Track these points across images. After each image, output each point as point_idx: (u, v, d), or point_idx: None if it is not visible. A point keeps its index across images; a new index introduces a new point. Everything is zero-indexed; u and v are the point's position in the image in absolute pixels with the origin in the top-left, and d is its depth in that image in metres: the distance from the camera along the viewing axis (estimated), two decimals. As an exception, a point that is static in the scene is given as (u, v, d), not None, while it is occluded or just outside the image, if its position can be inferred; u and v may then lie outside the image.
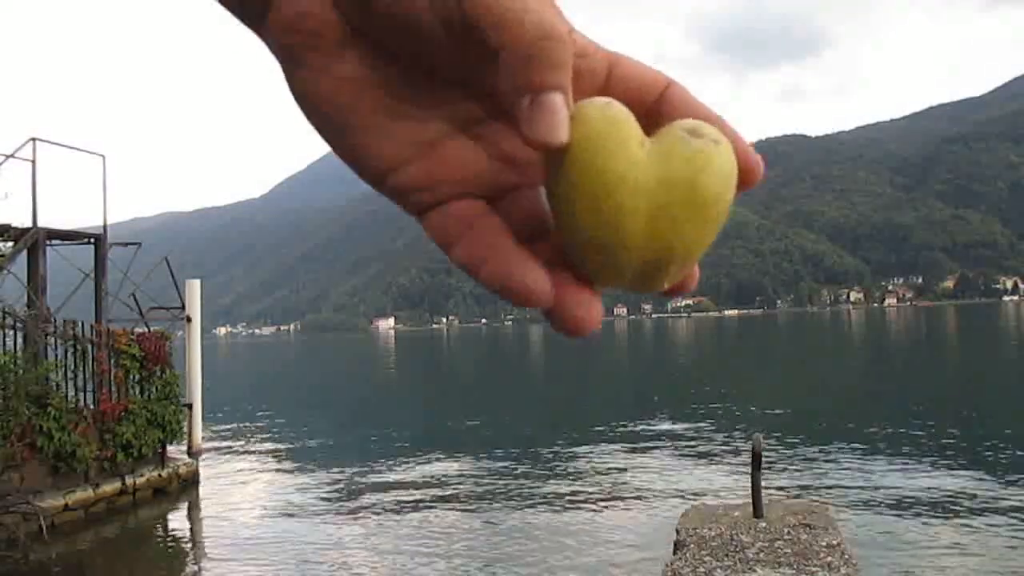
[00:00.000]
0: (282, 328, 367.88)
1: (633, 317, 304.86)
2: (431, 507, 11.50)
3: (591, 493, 11.94)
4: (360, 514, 11.29)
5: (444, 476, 13.85)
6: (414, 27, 0.35)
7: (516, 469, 14.09)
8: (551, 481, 12.96)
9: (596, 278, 0.37)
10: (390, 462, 15.57)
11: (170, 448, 13.15)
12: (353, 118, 0.37)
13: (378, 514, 11.22)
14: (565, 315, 0.36)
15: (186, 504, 12.51)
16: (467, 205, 0.38)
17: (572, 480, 13.01)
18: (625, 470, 13.59)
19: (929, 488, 11.33)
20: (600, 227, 0.35)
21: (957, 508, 10.24)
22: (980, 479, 11.74)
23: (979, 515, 9.83)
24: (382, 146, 0.38)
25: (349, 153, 0.38)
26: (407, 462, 15.42)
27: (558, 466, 14.25)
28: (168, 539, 10.90)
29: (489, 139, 0.39)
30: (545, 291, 0.36)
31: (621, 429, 18.50)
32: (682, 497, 10.99)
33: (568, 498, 11.69)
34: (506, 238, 0.37)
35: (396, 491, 12.71)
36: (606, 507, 11.03)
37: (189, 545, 10.56)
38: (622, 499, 11.47)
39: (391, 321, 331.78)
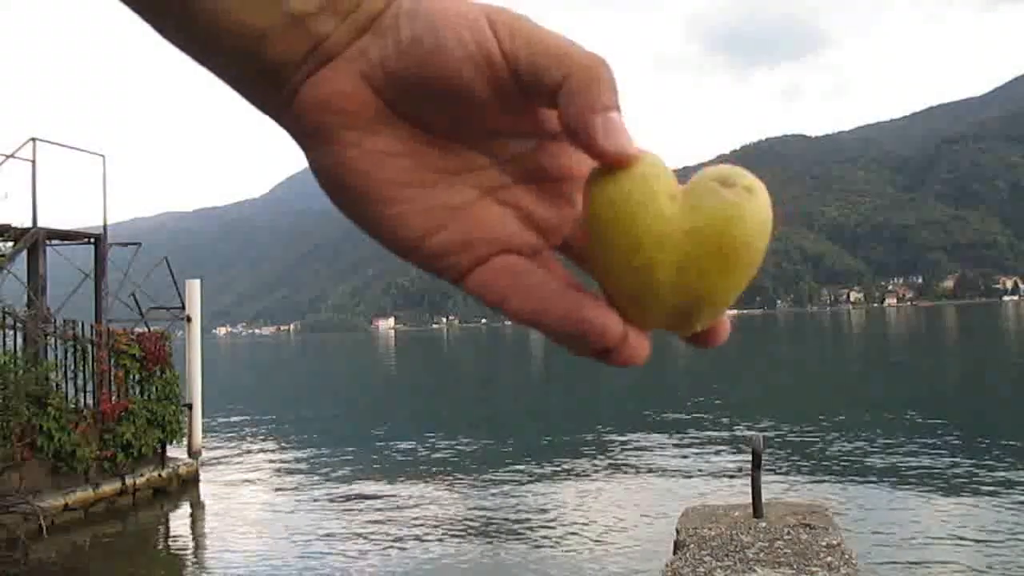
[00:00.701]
0: (282, 328, 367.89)
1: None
2: (431, 505, 11.50)
3: (591, 492, 11.94)
4: (360, 513, 11.29)
5: (443, 475, 13.85)
6: (452, 89, 0.36)
7: (516, 469, 14.08)
8: (551, 480, 12.96)
9: (632, 322, 0.37)
10: (390, 461, 15.57)
11: (170, 448, 13.15)
12: (382, 189, 0.38)
13: (378, 513, 11.21)
14: (626, 351, 0.37)
15: (186, 504, 12.51)
16: (508, 259, 0.39)
17: (572, 479, 13.01)
18: (625, 470, 13.58)
19: (930, 488, 11.33)
20: (631, 280, 0.36)
21: (958, 508, 10.24)
22: (981, 479, 11.74)
23: (980, 515, 9.83)
24: (414, 215, 0.38)
25: (377, 225, 0.38)
26: (407, 461, 15.42)
27: (557, 466, 14.25)
28: (168, 539, 10.90)
29: (515, 203, 0.40)
30: (619, 329, 0.36)
31: (621, 429, 18.50)
32: (682, 497, 10.98)
33: (568, 497, 11.68)
34: (561, 282, 0.38)
35: (396, 490, 12.71)
36: (606, 506, 11.03)
37: (189, 545, 10.56)
38: (622, 499, 11.47)
39: (391, 321, 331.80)
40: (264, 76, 0.38)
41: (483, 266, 0.39)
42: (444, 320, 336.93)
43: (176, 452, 13.55)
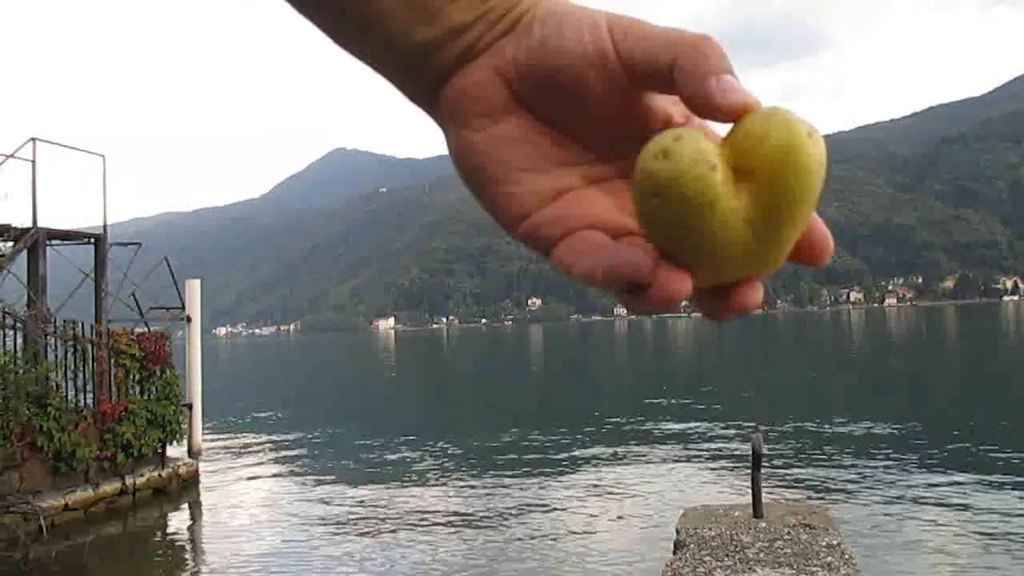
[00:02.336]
0: (282, 328, 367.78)
1: (633, 317, 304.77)
2: (430, 505, 11.50)
3: (591, 492, 11.94)
4: (360, 513, 11.28)
5: (443, 475, 13.85)
6: (570, 82, 0.41)
7: (516, 469, 14.08)
8: (551, 480, 12.96)
9: (706, 278, 0.39)
10: (390, 461, 15.57)
11: (170, 448, 13.15)
12: (500, 170, 0.43)
13: (377, 513, 11.21)
14: (659, 284, 0.37)
15: (186, 504, 12.51)
16: (593, 233, 0.42)
17: (572, 479, 13.01)
18: (625, 470, 13.58)
19: (930, 488, 11.33)
20: (695, 241, 0.37)
21: (958, 508, 10.24)
22: (981, 479, 11.73)
23: (980, 515, 9.83)
24: (523, 195, 0.43)
25: (492, 200, 0.44)
26: (406, 461, 15.42)
27: (558, 465, 14.25)
28: (168, 539, 10.90)
29: (615, 194, 0.43)
30: (647, 260, 0.38)
31: (621, 429, 18.50)
32: (682, 497, 10.98)
33: (568, 497, 11.68)
34: (637, 240, 0.40)
35: (395, 490, 12.71)
36: (606, 507, 11.03)
37: (189, 545, 10.56)
38: (622, 499, 11.47)
39: (391, 321, 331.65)
40: (422, 76, 0.44)
41: (570, 237, 0.42)
42: (444, 320, 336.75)
43: (176, 452, 13.55)
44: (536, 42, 0.41)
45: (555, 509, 11.07)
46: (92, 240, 13.69)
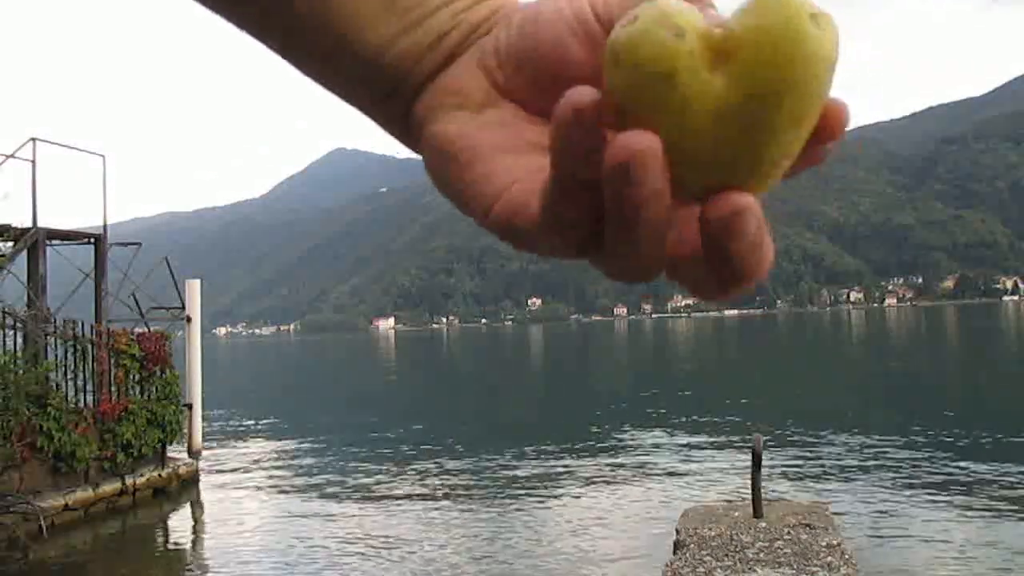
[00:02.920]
0: (282, 328, 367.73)
1: (633, 317, 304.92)
2: (430, 506, 11.50)
3: (591, 492, 11.94)
4: (360, 513, 11.29)
5: (443, 475, 13.85)
6: (551, 56, 0.38)
7: (516, 469, 14.09)
8: (551, 480, 12.96)
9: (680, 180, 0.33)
10: (390, 461, 15.56)
11: (170, 448, 13.15)
12: (477, 152, 0.39)
13: (377, 513, 11.22)
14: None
15: (186, 504, 12.52)
16: None
17: (572, 480, 13.01)
18: (625, 470, 13.58)
19: (930, 487, 11.33)
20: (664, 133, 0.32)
21: (958, 507, 10.24)
22: (981, 479, 11.74)
23: (980, 515, 9.83)
24: (499, 171, 0.39)
25: (467, 184, 0.40)
26: (407, 461, 15.42)
27: (557, 466, 14.25)
28: (168, 539, 10.90)
29: None
30: (590, 92, 0.32)
31: (621, 429, 18.51)
32: (682, 497, 10.99)
33: (568, 497, 11.69)
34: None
35: (395, 490, 12.71)
36: (606, 507, 11.03)
37: (189, 545, 10.56)
38: (622, 499, 11.47)
39: (391, 321, 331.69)
40: (403, 88, 0.42)
41: None
42: (444, 320, 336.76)
43: (176, 452, 13.55)
44: (516, 26, 0.40)
45: (555, 509, 11.07)
46: (92, 240, 13.70)
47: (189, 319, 14.51)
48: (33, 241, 12.31)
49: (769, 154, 0.32)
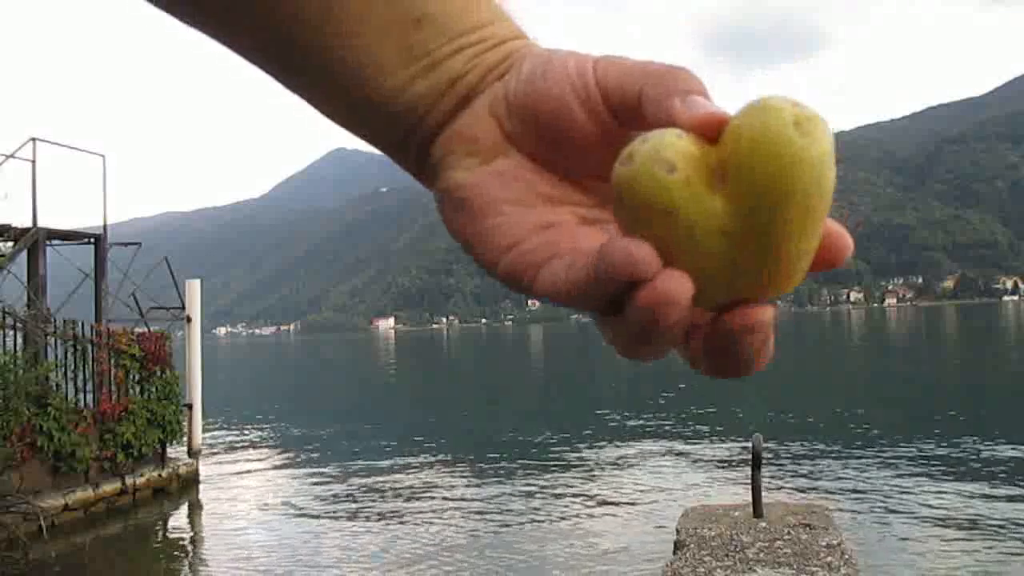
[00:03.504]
0: (282, 328, 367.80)
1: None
2: (430, 506, 11.49)
3: (591, 492, 11.93)
4: (360, 513, 11.29)
5: (443, 475, 13.85)
6: (556, 112, 0.38)
7: (515, 469, 14.08)
8: (551, 481, 12.95)
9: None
10: (390, 462, 15.56)
11: (170, 448, 13.15)
12: (488, 203, 0.40)
13: (377, 513, 11.21)
14: (661, 281, 0.33)
15: (186, 504, 12.51)
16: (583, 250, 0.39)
17: (572, 479, 13.00)
18: (625, 470, 13.58)
19: (929, 487, 11.32)
20: (677, 262, 0.33)
21: (957, 507, 10.23)
22: (981, 478, 11.73)
23: (979, 515, 9.82)
24: (510, 224, 0.40)
25: (476, 235, 0.41)
26: (407, 462, 15.41)
27: (558, 466, 14.24)
28: (168, 539, 10.89)
29: (606, 230, 0.40)
30: (646, 251, 0.33)
31: (621, 429, 18.50)
32: (682, 497, 10.99)
33: (568, 497, 11.68)
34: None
35: (395, 490, 12.71)
36: (606, 507, 11.03)
37: (189, 545, 10.55)
38: (622, 499, 11.46)
39: (391, 321, 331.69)
40: (415, 136, 0.43)
41: (558, 258, 0.39)
42: (444, 320, 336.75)
43: (176, 452, 13.55)
44: (525, 75, 0.40)
45: (555, 509, 11.06)
46: (92, 240, 13.69)
47: (189, 319, 14.51)
48: (33, 241, 12.31)
49: (781, 262, 0.32)
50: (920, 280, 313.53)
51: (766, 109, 0.30)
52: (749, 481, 6.85)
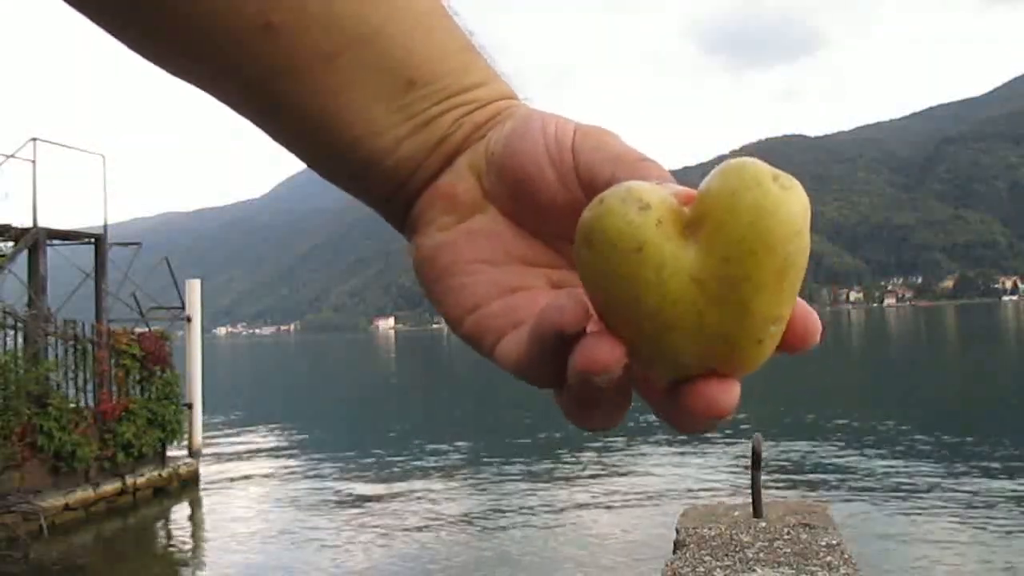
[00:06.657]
0: (282, 328, 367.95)
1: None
2: (430, 506, 11.50)
3: (591, 492, 11.94)
4: (359, 513, 11.29)
5: (443, 475, 13.85)
6: (530, 172, 0.39)
7: (515, 469, 14.09)
8: (550, 481, 12.96)
9: (660, 371, 0.34)
10: (389, 461, 15.57)
11: (170, 448, 13.15)
12: (457, 261, 0.40)
13: (378, 513, 11.22)
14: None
15: (186, 504, 12.51)
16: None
17: (571, 479, 13.01)
18: (625, 470, 13.59)
19: (930, 487, 11.33)
20: (644, 328, 0.32)
21: (958, 507, 10.24)
22: (981, 478, 11.74)
23: (979, 514, 9.83)
24: (476, 284, 0.40)
25: (443, 293, 0.41)
26: (406, 462, 15.42)
27: (557, 465, 14.25)
28: (168, 539, 10.90)
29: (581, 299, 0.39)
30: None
31: (621, 428, 18.50)
32: (682, 497, 10.99)
33: (568, 497, 11.68)
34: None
35: (395, 490, 12.71)
36: (606, 506, 11.03)
37: (189, 545, 10.56)
38: (622, 498, 11.47)
39: (391, 321, 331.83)
40: (400, 195, 0.43)
41: (517, 329, 0.38)
42: (444, 320, 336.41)
43: (176, 452, 13.55)
44: (506, 133, 0.40)
45: (555, 508, 11.07)
46: (92, 240, 13.69)
47: (189, 319, 14.51)
48: (33, 241, 12.31)
49: (751, 321, 0.31)
50: (920, 280, 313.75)
51: (745, 165, 0.30)
52: (749, 481, 6.85)
